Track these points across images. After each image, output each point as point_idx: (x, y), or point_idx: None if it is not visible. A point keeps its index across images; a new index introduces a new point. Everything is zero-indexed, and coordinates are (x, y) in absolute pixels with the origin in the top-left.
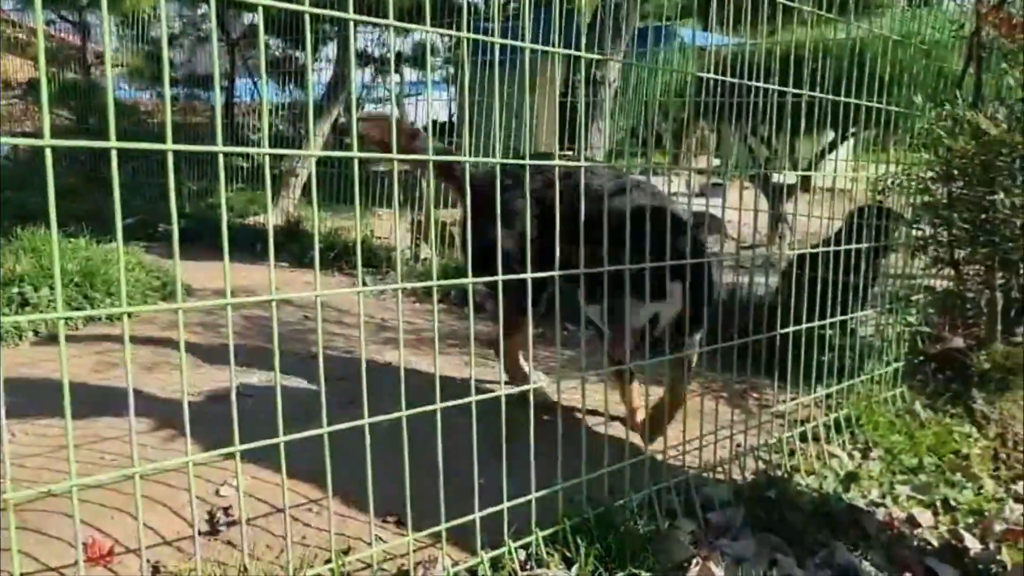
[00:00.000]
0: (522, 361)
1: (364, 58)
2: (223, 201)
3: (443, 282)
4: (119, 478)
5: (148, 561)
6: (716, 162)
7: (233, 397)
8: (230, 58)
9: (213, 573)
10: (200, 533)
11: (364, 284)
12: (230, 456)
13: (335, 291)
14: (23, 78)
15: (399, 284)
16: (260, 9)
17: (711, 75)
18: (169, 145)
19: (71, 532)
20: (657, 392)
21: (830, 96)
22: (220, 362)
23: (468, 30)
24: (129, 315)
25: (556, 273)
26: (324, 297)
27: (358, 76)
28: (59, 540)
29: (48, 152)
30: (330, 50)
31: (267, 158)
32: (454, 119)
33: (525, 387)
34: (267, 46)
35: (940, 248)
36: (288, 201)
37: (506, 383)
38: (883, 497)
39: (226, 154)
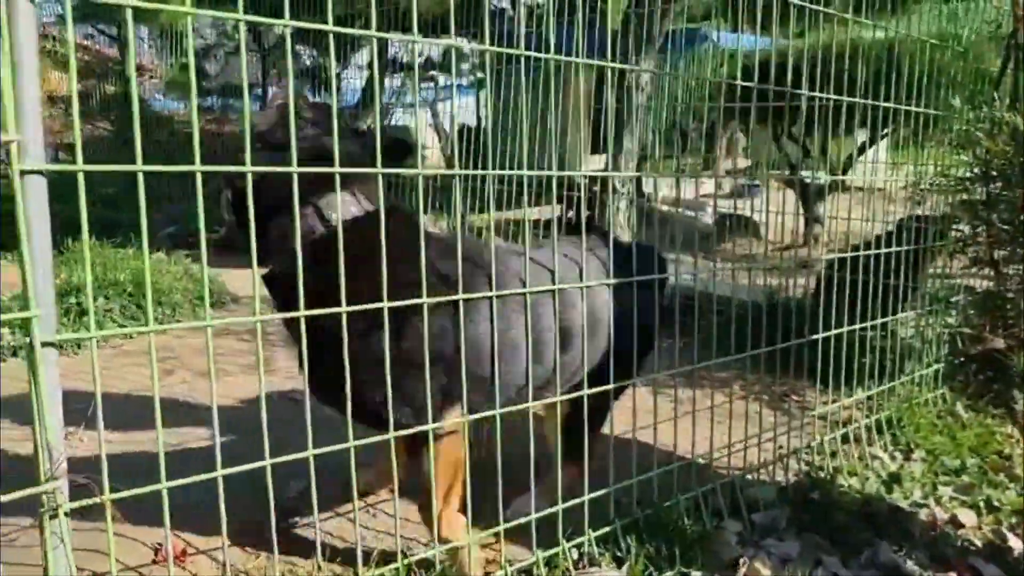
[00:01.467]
0: None
1: (395, 65)
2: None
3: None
4: (204, 479)
5: (218, 562)
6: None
7: (307, 403)
8: (262, 67)
9: (284, 571)
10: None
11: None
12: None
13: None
14: (66, 91)
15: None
16: (288, 32)
17: (740, 82)
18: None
19: (144, 533)
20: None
21: (862, 100)
22: (270, 368)
23: (493, 42)
24: (159, 331)
25: None
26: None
27: (388, 83)
28: (134, 540)
29: (81, 176)
30: (361, 56)
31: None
32: (483, 123)
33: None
34: (298, 55)
35: (979, 248)
36: None
37: None
38: (926, 498)
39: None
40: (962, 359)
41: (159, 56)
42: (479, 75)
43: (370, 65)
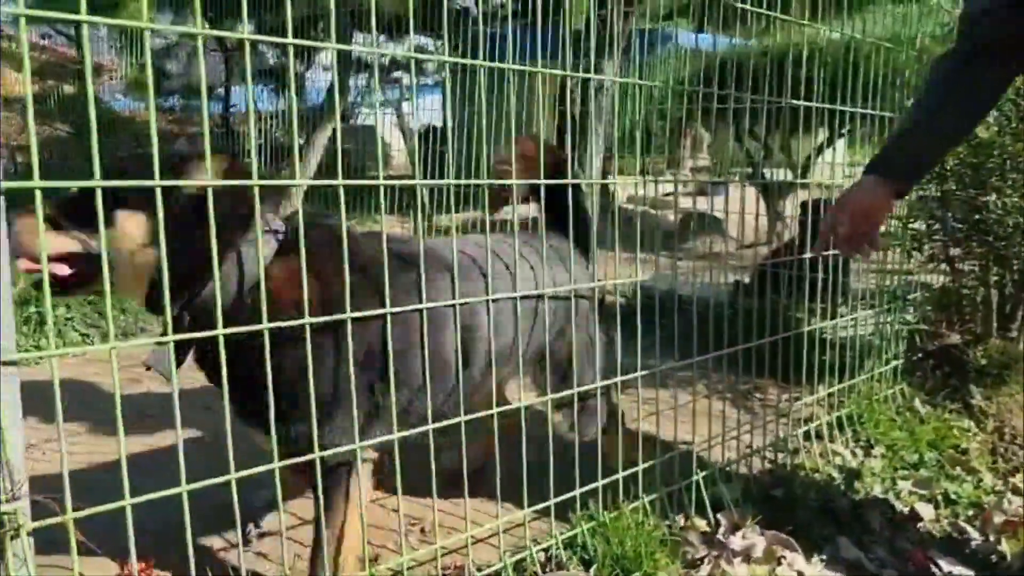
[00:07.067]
0: None
1: (358, 65)
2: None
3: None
4: (168, 495)
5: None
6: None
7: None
8: (226, 67)
9: None
10: (232, 545)
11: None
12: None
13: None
14: (22, 92)
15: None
16: (247, 43)
17: (702, 88)
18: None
19: (112, 548)
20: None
21: (820, 104)
22: None
23: (456, 44)
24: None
25: None
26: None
27: (352, 81)
28: (100, 557)
29: (38, 194)
30: (326, 56)
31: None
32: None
33: (536, 400)
34: (261, 53)
35: (935, 246)
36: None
37: None
38: (886, 492)
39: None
40: (920, 355)
41: (119, 55)
42: (444, 75)
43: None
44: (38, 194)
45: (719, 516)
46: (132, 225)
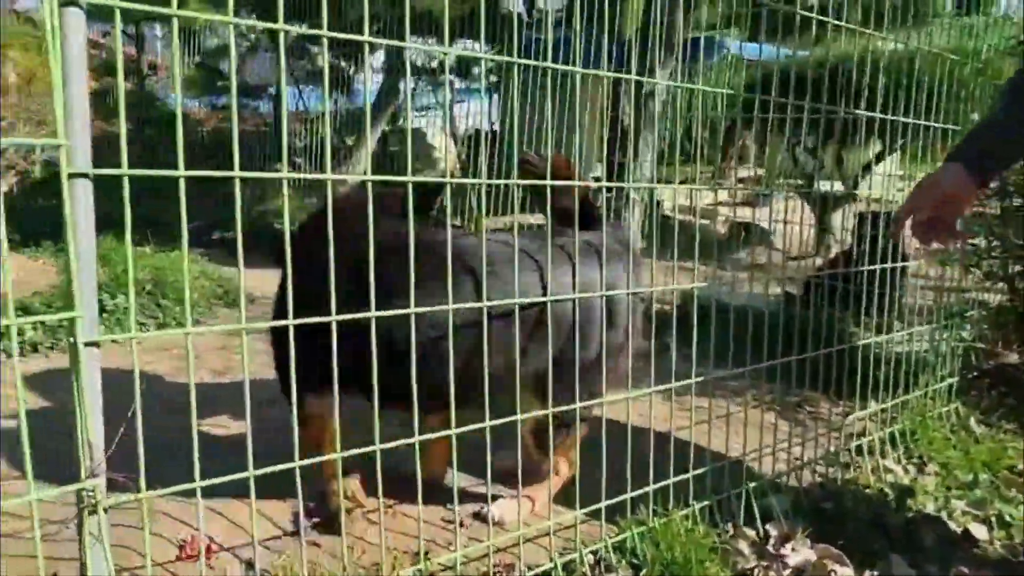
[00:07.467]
0: None
1: (411, 68)
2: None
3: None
4: (232, 480)
5: (241, 560)
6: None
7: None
8: (278, 67)
9: (312, 572)
10: (285, 534)
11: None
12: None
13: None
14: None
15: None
16: (324, 41)
17: (758, 95)
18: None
19: (170, 530)
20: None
21: (877, 115)
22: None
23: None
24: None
25: None
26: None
27: (402, 86)
28: (160, 537)
29: (125, 181)
30: (376, 58)
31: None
32: (494, 127)
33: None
34: (313, 56)
35: (993, 263)
36: None
37: None
38: (939, 511)
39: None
40: (975, 374)
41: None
42: (493, 79)
43: (386, 70)
44: (125, 181)
45: (768, 527)
46: None
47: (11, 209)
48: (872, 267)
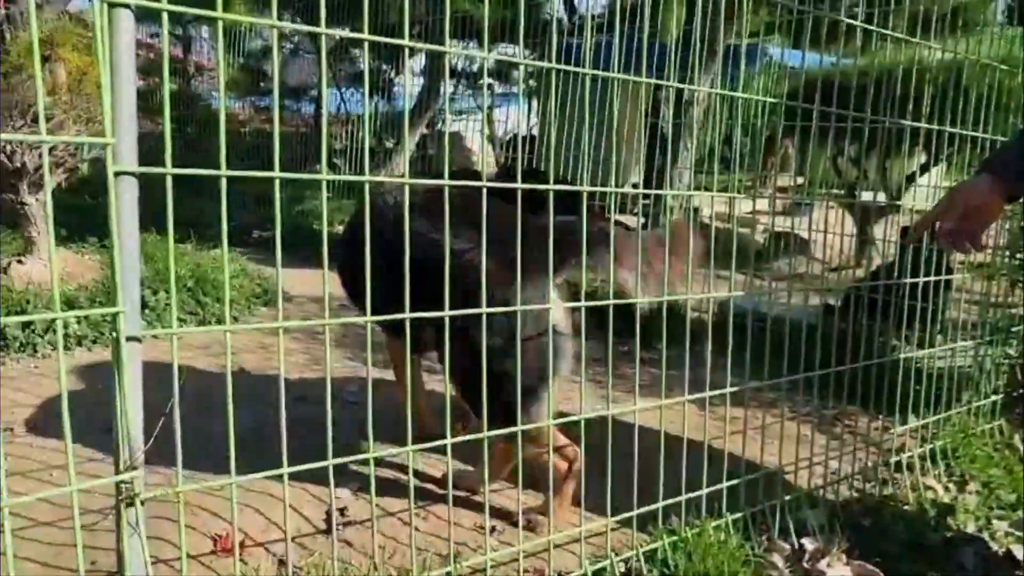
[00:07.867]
0: None
1: (450, 72)
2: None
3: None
4: (268, 476)
5: (274, 555)
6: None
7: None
8: (318, 70)
9: (343, 571)
10: (317, 531)
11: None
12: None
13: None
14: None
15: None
16: (365, 44)
17: (799, 103)
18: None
19: (201, 523)
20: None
21: (923, 125)
22: (320, 369)
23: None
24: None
25: None
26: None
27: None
28: (193, 530)
29: (168, 179)
30: (417, 62)
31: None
32: (533, 132)
33: (625, 409)
34: (354, 59)
35: None
36: None
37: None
38: (980, 531)
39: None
40: (1021, 391)
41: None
42: (532, 83)
43: (426, 73)
44: (168, 179)
45: (803, 541)
46: None
47: (58, 205)
48: (915, 280)
